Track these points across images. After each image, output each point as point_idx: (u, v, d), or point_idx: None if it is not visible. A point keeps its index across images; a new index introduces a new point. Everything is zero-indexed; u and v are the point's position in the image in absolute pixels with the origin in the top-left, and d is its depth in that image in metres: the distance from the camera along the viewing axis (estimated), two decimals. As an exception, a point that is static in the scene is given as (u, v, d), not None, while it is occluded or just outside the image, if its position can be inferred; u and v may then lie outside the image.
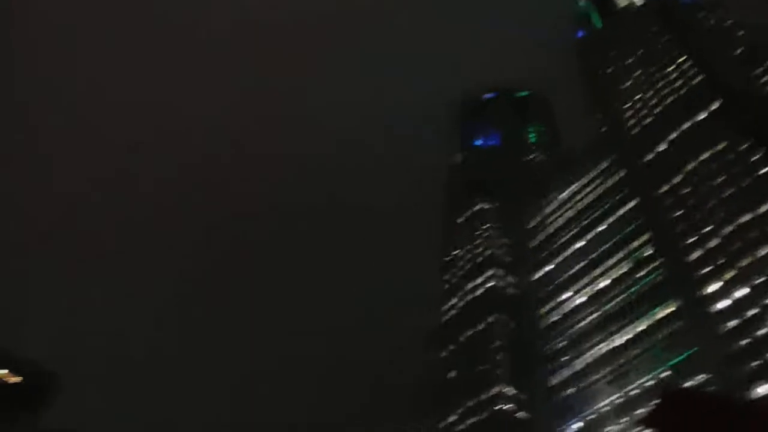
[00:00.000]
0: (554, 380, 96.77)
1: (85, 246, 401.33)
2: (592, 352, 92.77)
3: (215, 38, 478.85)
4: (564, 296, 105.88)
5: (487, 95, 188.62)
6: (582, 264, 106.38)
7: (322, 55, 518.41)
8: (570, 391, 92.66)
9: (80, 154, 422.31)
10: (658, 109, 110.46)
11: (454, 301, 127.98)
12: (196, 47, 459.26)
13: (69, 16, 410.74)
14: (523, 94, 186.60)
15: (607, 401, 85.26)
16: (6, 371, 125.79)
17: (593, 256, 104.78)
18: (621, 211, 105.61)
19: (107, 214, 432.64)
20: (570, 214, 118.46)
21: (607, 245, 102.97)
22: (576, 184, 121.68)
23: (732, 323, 73.89)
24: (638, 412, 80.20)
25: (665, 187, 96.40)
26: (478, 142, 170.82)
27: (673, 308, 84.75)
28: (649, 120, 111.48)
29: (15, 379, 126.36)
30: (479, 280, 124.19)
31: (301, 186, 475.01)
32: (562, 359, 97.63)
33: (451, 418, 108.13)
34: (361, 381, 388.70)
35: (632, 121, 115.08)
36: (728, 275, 77.80)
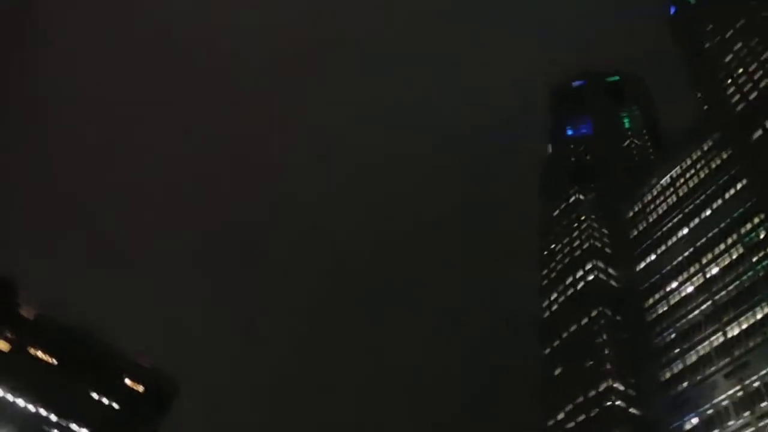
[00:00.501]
0: (666, 374, 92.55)
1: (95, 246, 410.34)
2: (704, 344, 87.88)
3: (215, 39, 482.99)
4: (670, 287, 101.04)
5: (577, 82, 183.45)
6: (688, 252, 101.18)
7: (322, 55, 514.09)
8: (684, 385, 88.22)
9: (81, 154, 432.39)
10: (764, 83, 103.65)
11: (554, 296, 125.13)
12: (197, 47, 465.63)
13: (69, 16, 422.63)
14: (614, 78, 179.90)
15: (725, 395, 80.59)
16: (129, 380, 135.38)
17: (700, 243, 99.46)
18: (729, 194, 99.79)
19: (106, 214, 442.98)
20: (672, 200, 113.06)
21: (715, 230, 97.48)
22: (677, 168, 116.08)
23: None
24: (761, 405, 75.71)
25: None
26: (570, 132, 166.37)
27: (794, 294, 79.15)
28: (754, 94, 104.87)
29: (137, 387, 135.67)
30: (579, 274, 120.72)
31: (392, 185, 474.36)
32: (673, 352, 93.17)
33: (560, 416, 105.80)
34: (465, 385, 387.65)
35: (736, 97, 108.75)
36: None
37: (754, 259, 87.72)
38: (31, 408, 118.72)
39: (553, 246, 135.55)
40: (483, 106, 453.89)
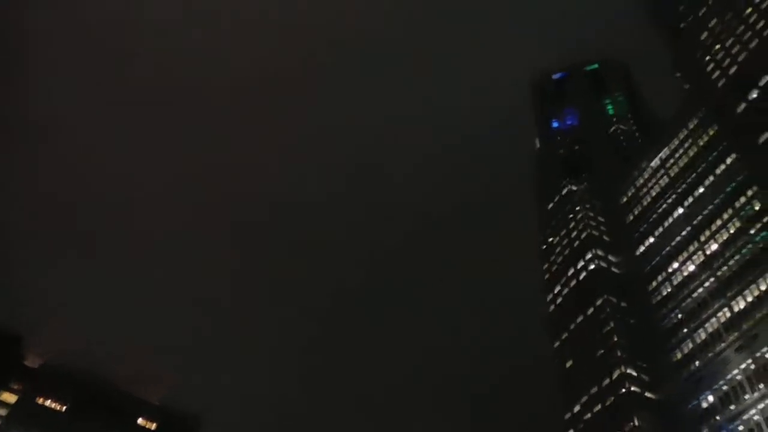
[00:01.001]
0: (677, 355, 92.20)
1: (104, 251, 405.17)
2: (712, 320, 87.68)
3: (215, 39, 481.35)
4: (672, 267, 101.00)
5: (557, 75, 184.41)
6: (686, 231, 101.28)
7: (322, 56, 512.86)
8: (696, 364, 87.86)
9: (80, 154, 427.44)
10: (742, 56, 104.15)
11: (557, 289, 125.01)
12: (197, 47, 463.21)
13: (68, 16, 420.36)
14: (594, 66, 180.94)
15: (737, 370, 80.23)
16: (142, 419, 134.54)
17: (697, 221, 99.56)
18: (719, 169, 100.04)
19: (106, 215, 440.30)
20: (664, 181, 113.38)
21: (710, 207, 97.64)
22: (666, 149, 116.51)
23: None
24: (775, 376, 75.39)
25: (766, 135, 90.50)
26: (556, 124, 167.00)
27: (795, 262, 79.01)
28: (734, 69, 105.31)
29: (150, 425, 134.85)
30: (580, 264, 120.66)
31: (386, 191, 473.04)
32: (682, 332, 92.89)
33: (576, 408, 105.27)
34: (465, 384, 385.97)
35: (717, 73, 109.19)
36: None
37: (752, 232, 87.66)
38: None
39: (551, 239, 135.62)
40: (483, 106, 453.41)
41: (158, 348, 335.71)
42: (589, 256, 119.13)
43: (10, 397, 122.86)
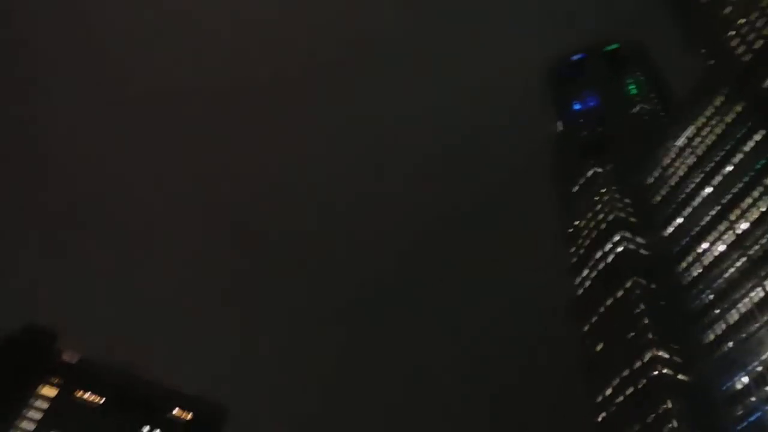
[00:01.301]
0: (709, 336, 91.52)
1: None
2: (744, 301, 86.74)
3: (216, 39, 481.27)
4: (702, 248, 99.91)
5: (576, 56, 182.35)
6: (715, 210, 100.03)
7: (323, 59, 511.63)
8: (729, 345, 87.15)
9: (81, 155, 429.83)
10: (767, 30, 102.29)
11: (585, 272, 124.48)
12: (197, 47, 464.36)
13: (70, 15, 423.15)
14: (614, 46, 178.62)
15: (772, 350, 79.78)
16: (177, 409, 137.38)
17: (725, 200, 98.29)
18: (748, 146, 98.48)
19: (106, 215, 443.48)
20: (691, 160, 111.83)
21: (740, 185, 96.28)
22: (691, 128, 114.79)
23: None
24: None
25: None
26: (577, 107, 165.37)
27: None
28: (760, 43, 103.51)
29: (186, 416, 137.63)
30: (608, 247, 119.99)
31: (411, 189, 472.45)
32: (714, 313, 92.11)
33: (607, 392, 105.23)
34: (465, 384, 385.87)
35: (741, 48, 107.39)
36: None
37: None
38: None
39: (576, 223, 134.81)
40: (483, 106, 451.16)
41: (158, 348, 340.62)
42: (617, 238, 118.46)
43: (51, 391, 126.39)
